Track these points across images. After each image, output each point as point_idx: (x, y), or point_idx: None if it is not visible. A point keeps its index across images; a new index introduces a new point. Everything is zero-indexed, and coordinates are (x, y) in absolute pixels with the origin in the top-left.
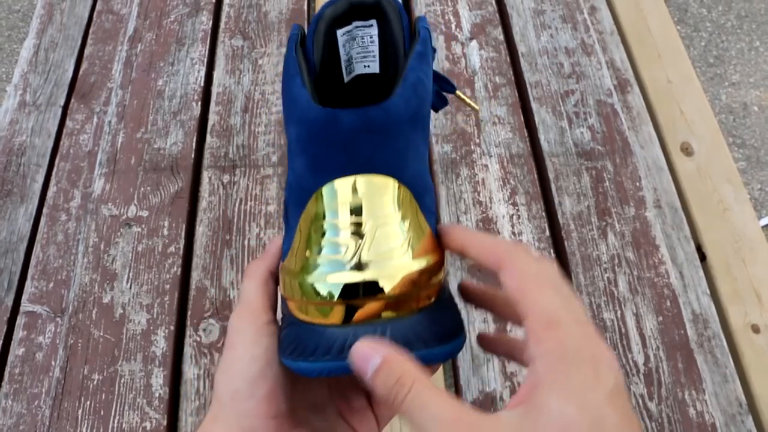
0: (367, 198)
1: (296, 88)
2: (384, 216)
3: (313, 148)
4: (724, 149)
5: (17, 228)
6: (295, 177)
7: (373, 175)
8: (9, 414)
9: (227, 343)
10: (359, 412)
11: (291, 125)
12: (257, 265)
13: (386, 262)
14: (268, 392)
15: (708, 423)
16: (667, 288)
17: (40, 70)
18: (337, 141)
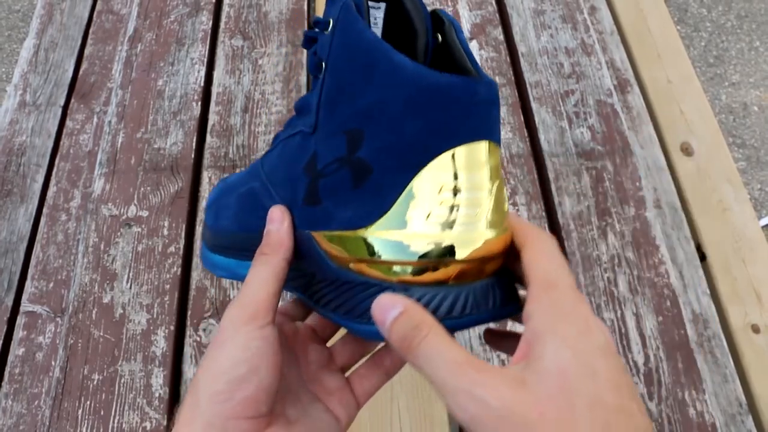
0: (491, 163)
1: (392, 53)
2: (495, 183)
3: (440, 112)
4: (724, 149)
5: (17, 228)
6: (405, 141)
7: (493, 142)
8: (9, 414)
9: (218, 336)
10: (337, 393)
11: (390, 89)
12: (271, 252)
13: (502, 224)
14: (248, 397)
15: (708, 423)
16: (667, 288)
17: (40, 70)
18: (473, 110)
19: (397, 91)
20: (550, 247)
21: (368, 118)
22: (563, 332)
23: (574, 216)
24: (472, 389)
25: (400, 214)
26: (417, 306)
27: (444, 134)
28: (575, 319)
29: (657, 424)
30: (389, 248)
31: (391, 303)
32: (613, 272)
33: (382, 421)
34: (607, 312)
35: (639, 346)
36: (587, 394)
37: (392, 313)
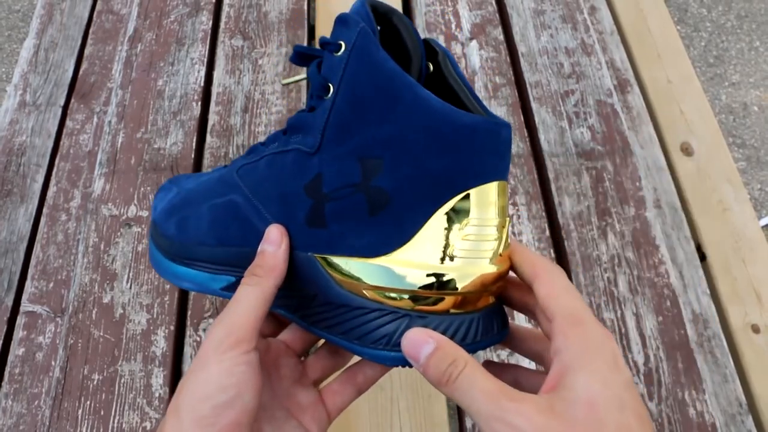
0: (502, 201)
1: (417, 88)
2: (506, 218)
3: (466, 151)
4: (724, 149)
5: (17, 228)
6: (429, 174)
7: (504, 181)
8: (9, 414)
9: (202, 357)
10: (310, 408)
11: (414, 122)
12: (265, 275)
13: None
14: (232, 421)
15: (708, 423)
16: (667, 288)
17: (40, 70)
18: (497, 149)
19: (421, 125)
20: (564, 281)
21: (388, 147)
22: (594, 366)
23: (574, 216)
24: (506, 416)
25: (420, 244)
26: (449, 341)
27: (469, 172)
28: (605, 355)
29: (657, 424)
30: (408, 277)
31: (423, 339)
32: (613, 272)
33: (382, 422)
34: (607, 312)
35: (639, 346)
36: (615, 422)
37: (426, 349)
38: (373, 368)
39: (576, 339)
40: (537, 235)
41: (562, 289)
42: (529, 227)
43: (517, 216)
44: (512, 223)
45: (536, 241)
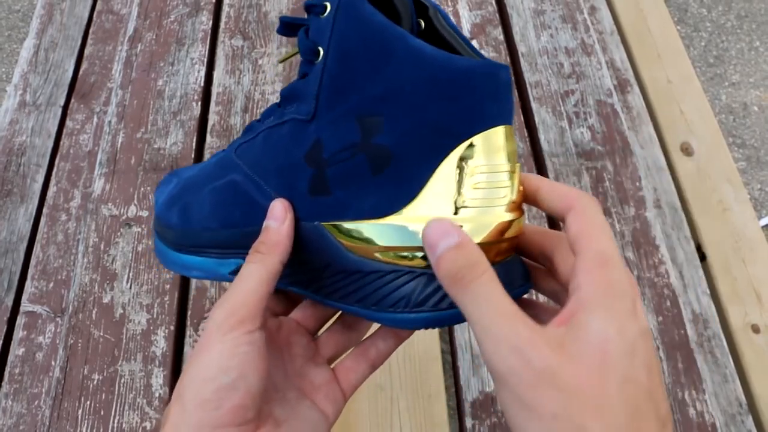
0: (510, 146)
1: (409, 38)
2: (516, 165)
3: (470, 97)
4: (724, 149)
5: (17, 228)
6: (429, 126)
7: (509, 125)
8: (9, 414)
9: (205, 339)
10: (323, 387)
11: (410, 74)
12: (269, 252)
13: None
14: (236, 404)
15: (708, 423)
16: (667, 288)
17: (40, 70)
18: (497, 93)
19: (417, 76)
20: (600, 217)
21: (386, 103)
22: (612, 310)
23: None
24: (518, 343)
25: (429, 198)
26: (473, 243)
27: (471, 119)
28: (624, 298)
29: None
30: (421, 233)
31: (446, 230)
32: None
33: (382, 422)
34: None
35: None
36: (623, 372)
37: (447, 241)
38: (385, 341)
39: (599, 278)
40: None
41: (597, 226)
42: None
43: None
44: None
45: None
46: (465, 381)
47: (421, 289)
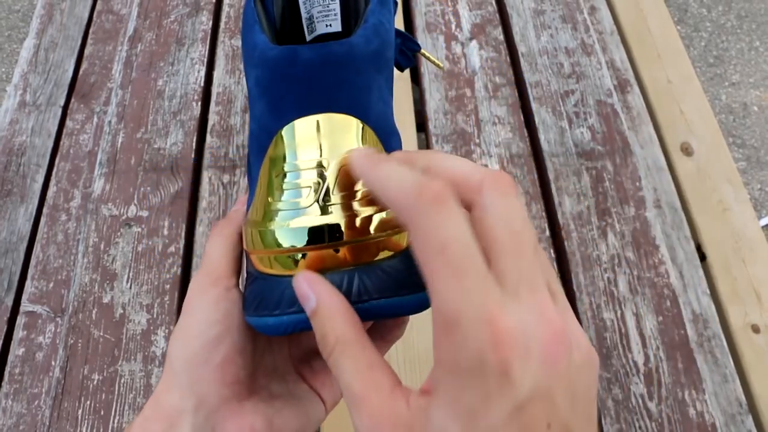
0: (328, 137)
1: (255, 35)
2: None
3: (273, 88)
4: (724, 149)
5: (17, 228)
6: (257, 124)
7: (335, 113)
8: (9, 414)
9: (185, 306)
10: (321, 375)
11: (251, 71)
12: (223, 224)
13: (349, 204)
14: (224, 359)
15: (708, 423)
16: (667, 288)
17: (40, 70)
18: (296, 77)
19: (252, 71)
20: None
21: (249, 103)
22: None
23: (574, 216)
24: (369, 424)
25: (257, 202)
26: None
27: (276, 111)
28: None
29: (657, 424)
30: (253, 237)
31: (303, 294)
32: (613, 272)
33: None
34: (607, 312)
35: (639, 346)
36: None
37: (307, 306)
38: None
39: (444, 353)
40: (537, 235)
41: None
42: None
43: None
44: None
45: None
46: None
47: (254, 295)
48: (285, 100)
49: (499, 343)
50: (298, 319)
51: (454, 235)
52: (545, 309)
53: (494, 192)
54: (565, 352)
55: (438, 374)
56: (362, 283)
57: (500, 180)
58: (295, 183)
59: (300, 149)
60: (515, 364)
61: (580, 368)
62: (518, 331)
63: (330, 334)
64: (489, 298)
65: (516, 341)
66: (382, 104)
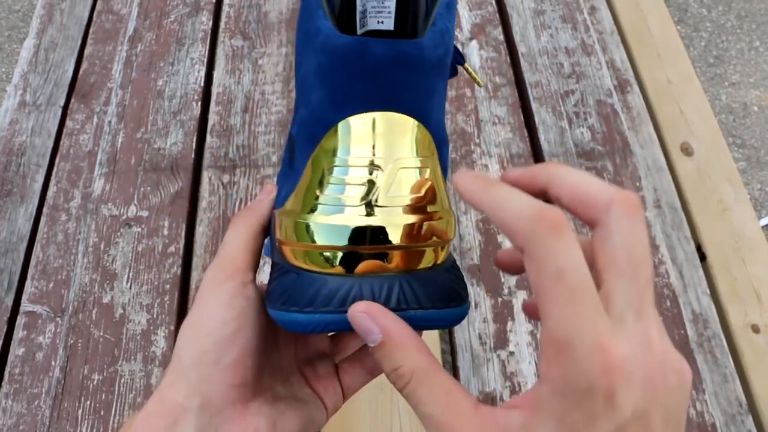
0: (387, 136)
1: (319, 20)
2: (403, 159)
3: (337, 78)
4: (724, 149)
5: (17, 228)
6: (311, 112)
7: (397, 113)
8: (9, 414)
9: (198, 298)
10: (325, 379)
11: (309, 56)
12: (246, 214)
13: (397, 208)
14: (235, 360)
15: (708, 423)
16: (667, 288)
17: (40, 70)
18: (365, 71)
19: (313, 58)
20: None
21: (299, 90)
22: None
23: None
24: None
25: (301, 193)
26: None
27: (338, 103)
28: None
29: None
30: (288, 229)
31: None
32: None
33: (382, 422)
34: None
35: None
36: None
37: (371, 338)
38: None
39: (554, 374)
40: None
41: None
42: None
43: None
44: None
45: None
46: (465, 381)
47: (283, 288)
48: (349, 93)
49: (608, 370)
50: (331, 319)
51: (572, 263)
52: (649, 336)
53: (622, 213)
54: (663, 377)
55: (544, 392)
56: (402, 291)
57: (629, 201)
58: (341, 179)
59: (354, 145)
60: (620, 389)
61: (674, 391)
62: (626, 358)
63: (403, 366)
64: (601, 326)
65: (623, 368)
66: (441, 111)
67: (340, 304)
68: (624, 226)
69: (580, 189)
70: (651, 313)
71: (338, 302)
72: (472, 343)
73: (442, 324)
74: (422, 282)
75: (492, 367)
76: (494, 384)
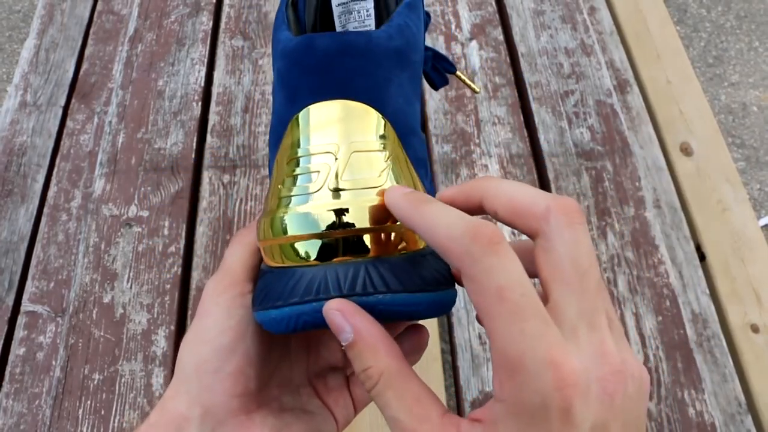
0: (342, 122)
1: (281, 32)
2: (362, 142)
3: (291, 78)
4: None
5: (18, 228)
6: (275, 117)
7: (350, 100)
8: (10, 414)
9: (199, 310)
10: (335, 391)
11: (275, 66)
12: (245, 233)
13: (361, 191)
14: (235, 369)
15: (707, 423)
16: (667, 288)
17: (41, 70)
18: (312, 65)
19: (276, 67)
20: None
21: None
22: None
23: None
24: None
25: (272, 190)
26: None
27: (292, 100)
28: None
29: (656, 423)
30: (267, 227)
31: (339, 325)
32: (613, 272)
33: (382, 422)
34: None
35: (638, 345)
36: None
37: (342, 337)
38: None
39: (508, 395)
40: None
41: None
42: None
43: None
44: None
45: None
46: (465, 381)
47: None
48: (301, 88)
49: (562, 386)
50: (301, 310)
51: (512, 279)
52: (604, 347)
53: (561, 222)
54: (622, 386)
55: (498, 411)
56: (368, 275)
57: (568, 208)
58: (306, 167)
59: (313, 134)
60: (576, 403)
61: (633, 398)
62: (580, 372)
63: (373, 368)
64: (551, 341)
65: (578, 382)
66: (402, 100)
67: (306, 294)
68: (565, 234)
69: (515, 200)
70: (603, 322)
71: (304, 292)
72: (472, 343)
73: (419, 310)
74: (394, 266)
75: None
76: None
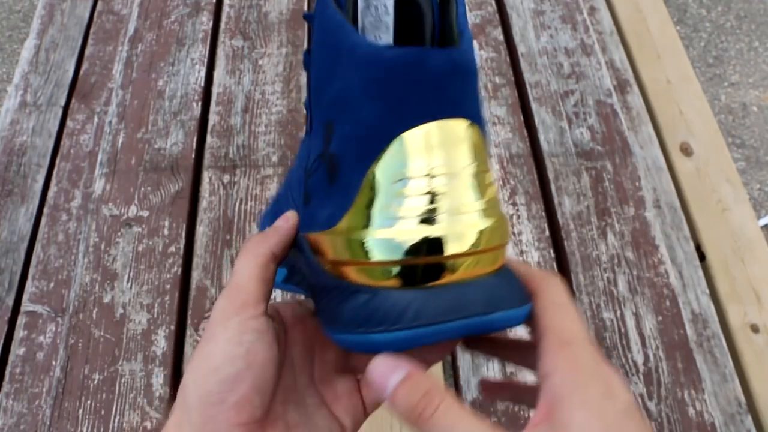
0: (446, 146)
1: (351, 35)
2: (463, 167)
3: (395, 91)
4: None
5: (18, 228)
6: (362, 129)
7: (454, 120)
8: (10, 414)
9: (208, 330)
10: (344, 398)
11: (346, 73)
12: (257, 241)
13: (458, 217)
14: (241, 398)
15: (707, 422)
16: (667, 288)
17: (41, 70)
18: (425, 81)
19: (355, 73)
20: (561, 296)
21: (336, 106)
22: (587, 396)
23: (573, 216)
24: None
25: (361, 209)
26: (422, 372)
27: (398, 115)
28: (598, 380)
29: (656, 423)
30: (353, 248)
31: (391, 366)
32: (613, 272)
33: (382, 422)
34: (606, 312)
35: (638, 345)
36: None
37: (394, 378)
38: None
39: (565, 361)
40: (537, 235)
41: (555, 304)
42: (529, 227)
43: (517, 216)
44: (510, 222)
45: (536, 241)
46: (465, 381)
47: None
48: (410, 105)
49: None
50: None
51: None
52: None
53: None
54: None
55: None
56: (460, 298)
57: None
58: (406, 192)
59: (414, 157)
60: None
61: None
62: None
63: (435, 390)
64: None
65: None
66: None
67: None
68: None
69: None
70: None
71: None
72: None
73: (521, 322)
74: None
75: (492, 367)
76: None
